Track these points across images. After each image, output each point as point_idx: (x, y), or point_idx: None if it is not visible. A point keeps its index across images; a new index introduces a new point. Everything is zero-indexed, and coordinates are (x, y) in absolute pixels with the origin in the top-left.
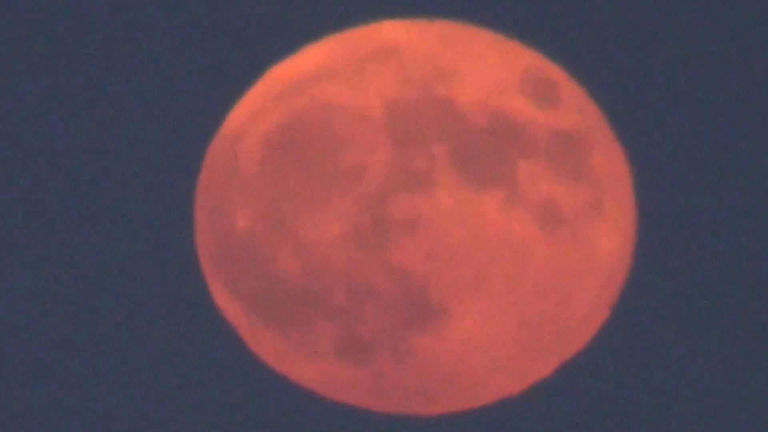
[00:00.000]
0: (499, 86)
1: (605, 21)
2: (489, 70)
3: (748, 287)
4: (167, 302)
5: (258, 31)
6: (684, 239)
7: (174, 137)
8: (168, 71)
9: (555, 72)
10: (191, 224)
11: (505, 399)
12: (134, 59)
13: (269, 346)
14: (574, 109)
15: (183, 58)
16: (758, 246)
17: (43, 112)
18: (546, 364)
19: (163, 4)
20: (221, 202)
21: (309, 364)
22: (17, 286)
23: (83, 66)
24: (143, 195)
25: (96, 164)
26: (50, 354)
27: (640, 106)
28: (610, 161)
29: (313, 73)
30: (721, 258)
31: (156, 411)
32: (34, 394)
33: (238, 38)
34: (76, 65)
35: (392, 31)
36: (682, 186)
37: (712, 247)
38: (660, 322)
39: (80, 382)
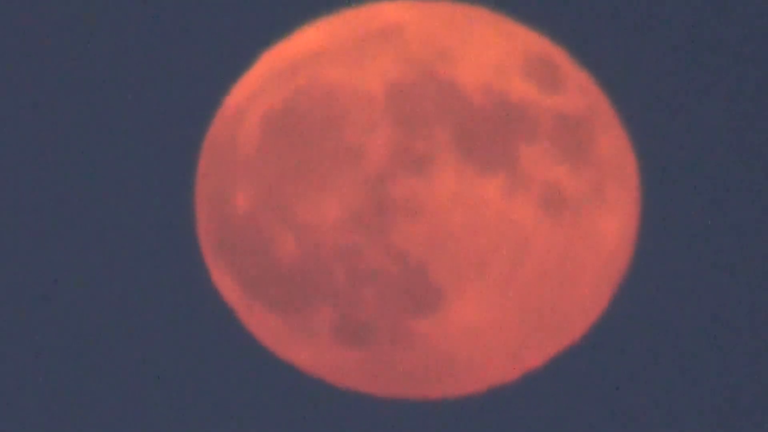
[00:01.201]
0: (501, 68)
1: (608, 3)
2: (491, 51)
3: (751, 274)
4: (167, 283)
5: (257, 11)
6: (687, 225)
7: (174, 119)
8: (166, 53)
9: (557, 54)
10: (192, 206)
11: (504, 385)
12: (132, 41)
13: (267, 328)
14: (577, 92)
15: (182, 39)
16: (762, 233)
17: (39, 99)
18: (546, 350)
19: None
20: (221, 183)
21: (306, 347)
22: (15, 269)
23: (78, 50)
24: (143, 178)
25: (96, 148)
26: (50, 335)
27: (643, 89)
28: (613, 145)
29: (313, 54)
30: (725, 244)
31: (153, 390)
32: (36, 371)
33: (237, 18)
34: (72, 50)
35: (393, 11)
36: (686, 171)
37: (715, 234)
38: (662, 309)
39: (78, 362)
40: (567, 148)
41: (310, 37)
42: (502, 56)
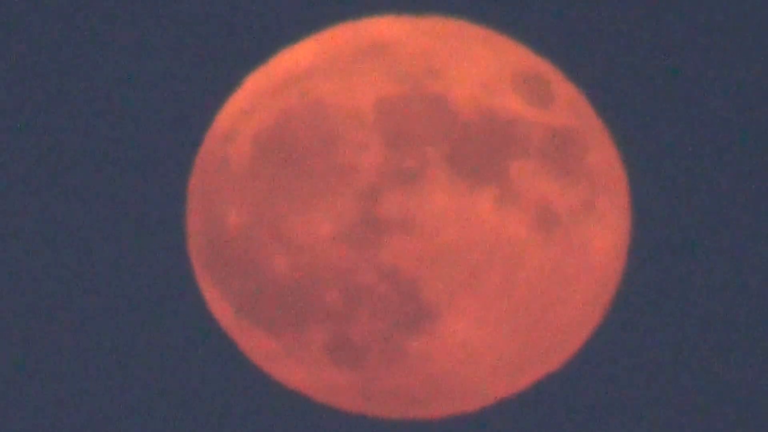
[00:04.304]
0: (491, 83)
1: (598, 17)
2: (481, 67)
3: (744, 288)
4: (158, 302)
5: (248, 28)
6: (679, 239)
7: (165, 137)
8: (157, 71)
9: (547, 69)
10: (183, 224)
11: (497, 403)
12: (122, 59)
13: (259, 347)
14: (567, 107)
15: (172, 57)
16: (755, 246)
17: (33, 117)
18: (539, 367)
19: (152, 3)
20: (212, 201)
21: (299, 366)
22: (9, 289)
23: (72, 69)
24: (134, 196)
25: (88, 166)
26: (41, 352)
27: (634, 103)
28: (604, 160)
29: (303, 71)
30: (717, 258)
31: (145, 410)
32: (25, 390)
33: (227, 35)
34: (65, 68)
35: (383, 27)
36: (677, 185)
37: (708, 247)
38: (655, 324)
39: (69, 381)
40: (557, 164)
41: (300, 55)
42: (493, 72)
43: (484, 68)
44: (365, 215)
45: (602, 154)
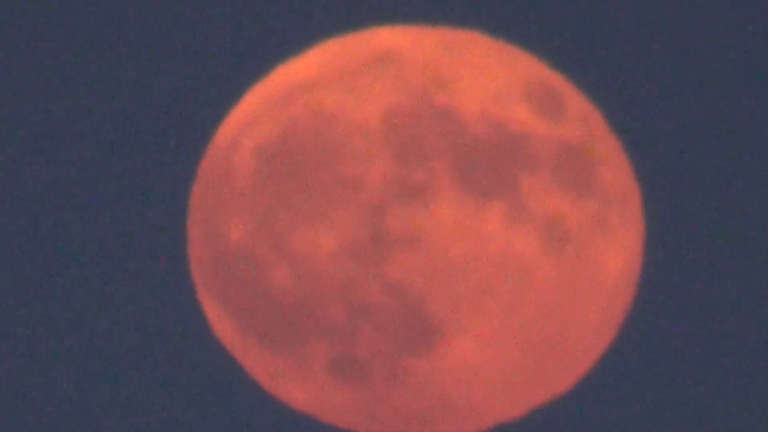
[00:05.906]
0: (501, 96)
1: (611, 29)
2: (491, 78)
3: (760, 306)
4: (159, 318)
5: (251, 39)
6: (694, 254)
7: (166, 148)
8: (159, 82)
9: (559, 81)
10: (184, 238)
11: (504, 424)
12: (124, 70)
13: (261, 365)
14: (579, 120)
15: (174, 68)
16: None
17: (34, 128)
18: (548, 388)
19: (155, 12)
20: (214, 215)
21: (302, 385)
22: (6, 305)
23: (74, 79)
24: (135, 208)
25: (88, 177)
26: (39, 370)
27: (647, 116)
28: (616, 175)
29: (308, 81)
30: (732, 276)
31: (145, 427)
32: (23, 410)
33: (231, 46)
34: (67, 79)
35: (391, 37)
36: (691, 199)
37: (723, 262)
38: (670, 344)
39: (69, 400)
40: (569, 178)
41: (306, 64)
42: (502, 83)
43: (494, 80)
44: (371, 230)
45: (614, 168)
